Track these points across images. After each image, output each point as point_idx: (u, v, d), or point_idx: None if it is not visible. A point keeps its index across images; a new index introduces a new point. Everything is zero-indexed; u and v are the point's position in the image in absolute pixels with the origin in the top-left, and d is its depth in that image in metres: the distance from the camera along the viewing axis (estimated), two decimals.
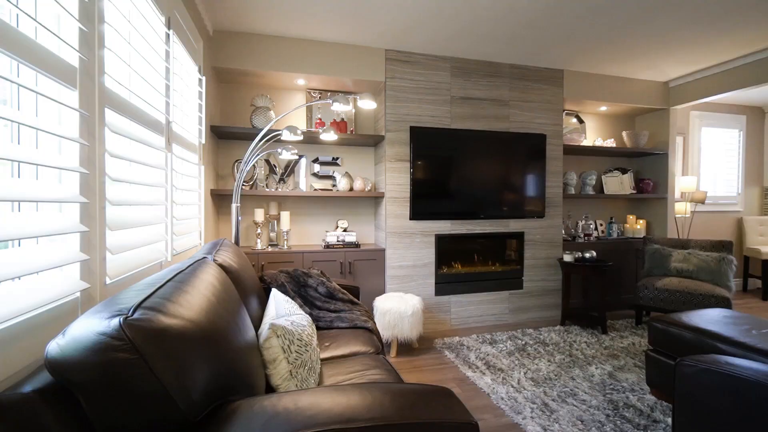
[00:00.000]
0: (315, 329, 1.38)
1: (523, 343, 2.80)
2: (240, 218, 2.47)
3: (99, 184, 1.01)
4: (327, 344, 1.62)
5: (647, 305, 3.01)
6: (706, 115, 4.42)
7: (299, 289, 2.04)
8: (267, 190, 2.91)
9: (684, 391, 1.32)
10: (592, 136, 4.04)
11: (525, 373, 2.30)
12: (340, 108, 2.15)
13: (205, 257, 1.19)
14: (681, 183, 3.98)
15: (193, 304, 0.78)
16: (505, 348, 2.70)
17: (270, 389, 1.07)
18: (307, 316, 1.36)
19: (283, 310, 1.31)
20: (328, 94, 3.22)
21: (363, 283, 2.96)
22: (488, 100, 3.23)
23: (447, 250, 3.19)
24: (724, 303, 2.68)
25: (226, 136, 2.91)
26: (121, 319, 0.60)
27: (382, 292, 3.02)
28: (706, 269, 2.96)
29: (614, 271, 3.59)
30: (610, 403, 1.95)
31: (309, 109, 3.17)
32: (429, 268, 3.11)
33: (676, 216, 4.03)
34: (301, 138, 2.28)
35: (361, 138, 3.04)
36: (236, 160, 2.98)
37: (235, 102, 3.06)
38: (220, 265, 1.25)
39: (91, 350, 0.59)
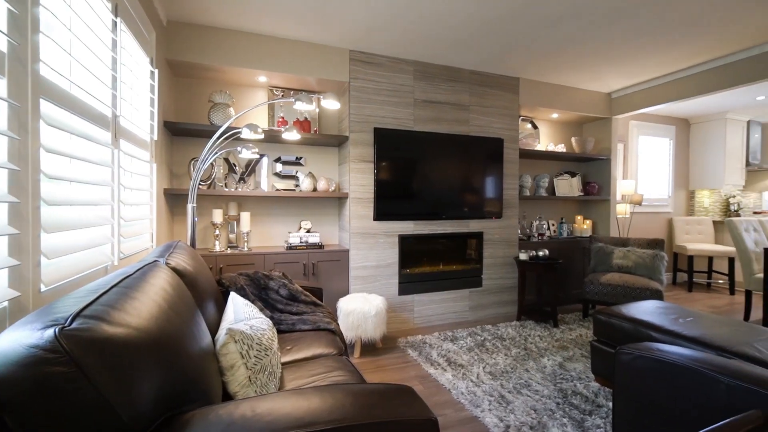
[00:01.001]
0: (276, 333, 1.35)
1: (482, 339, 2.91)
2: (196, 219, 2.36)
3: (33, 182, 0.93)
4: (289, 348, 1.60)
5: (593, 299, 3.24)
6: (642, 125, 4.84)
7: (260, 292, 1.99)
8: (226, 190, 2.80)
9: (622, 377, 1.44)
10: (545, 141, 4.29)
11: (484, 368, 2.39)
12: (303, 107, 2.11)
13: (156, 260, 1.13)
14: (621, 186, 4.33)
15: (141, 310, 0.74)
16: (465, 344, 2.80)
17: (228, 397, 1.04)
18: (268, 319, 1.33)
19: (242, 314, 1.27)
20: (291, 92, 3.16)
21: (327, 284, 2.93)
22: (450, 104, 3.32)
23: (410, 250, 3.24)
24: (657, 295, 2.96)
25: (181, 132, 2.76)
26: (57, 330, 0.56)
27: (346, 293, 3.01)
28: (643, 265, 3.25)
29: (564, 268, 3.83)
30: (560, 392, 2.08)
31: (271, 107, 3.09)
32: (392, 268, 3.14)
33: (618, 216, 4.38)
34: (262, 137, 2.22)
35: (325, 138, 3.01)
36: (193, 158, 2.84)
37: (192, 97, 2.91)
38: (174, 269, 1.19)
39: (20, 365, 0.54)
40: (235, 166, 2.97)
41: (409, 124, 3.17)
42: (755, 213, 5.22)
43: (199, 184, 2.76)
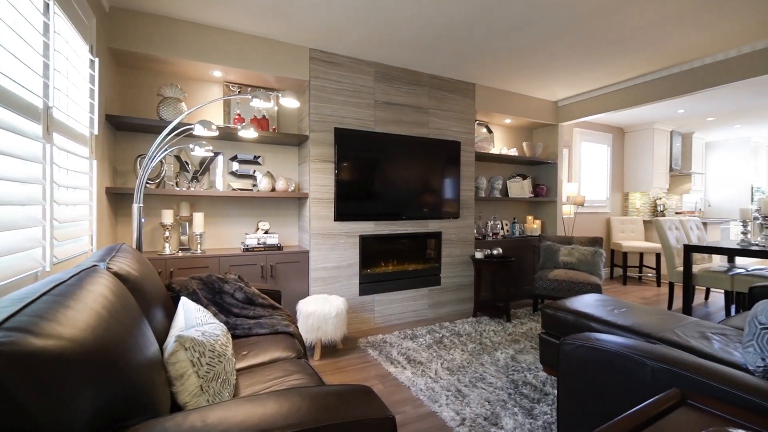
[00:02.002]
0: (230, 338, 1.31)
1: (441, 335, 3.00)
2: (143, 220, 2.20)
3: None
4: (245, 353, 1.55)
5: (542, 294, 3.46)
6: (584, 132, 5.24)
7: (214, 296, 1.91)
8: (177, 189, 2.65)
9: (565, 365, 1.56)
10: (499, 145, 4.50)
11: (442, 364, 2.47)
12: (261, 105, 2.06)
13: (95, 265, 1.05)
14: (567, 189, 4.66)
15: (76, 320, 0.69)
16: (424, 342, 2.87)
17: (177, 408, 0.99)
18: (222, 324, 1.28)
19: (193, 320, 1.22)
20: (249, 89, 3.05)
21: (286, 286, 2.87)
22: (410, 107, 3.39)
23: (371, 250, 3.27)
24: (596, 289, 3.22)
25: (126, 127, 2.57)
26: None
27: (306, 294, 2.97)
28: (584, 261, 3.52)
29: (517, 266, 4.06)
30: (512, 383, 2.21)
31: (227, 104, 2.97)
32: (353, 269, 3.15)
33: (563, 216, 4.71)
34: (216, 134, 2.13)
35: (284, 137, 2.95)
36: (139, 155, 2.65)
37: (139, 90, 2.72)
38: (115, 274, 1.12)
39: None
40: (187, 164, 2.82)
41: (370, 125, 3.19)
42: (677, 213, 5.86)
43: (147, 182, 2.59)
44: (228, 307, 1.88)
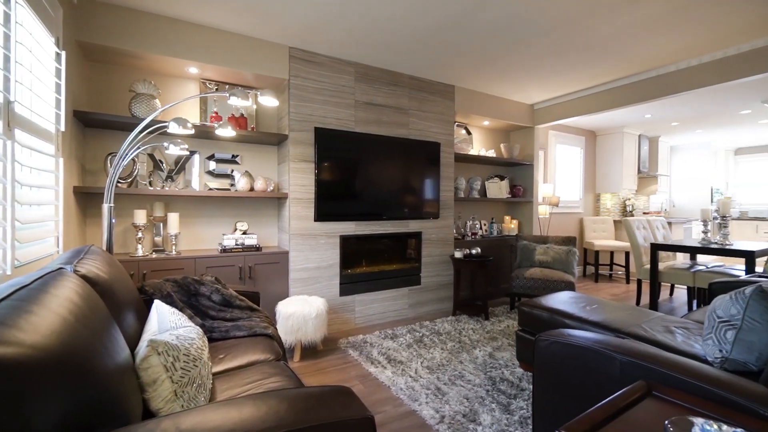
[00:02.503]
0: (206, 341, 1.28)
1: (421, 335, 3.03)
2: (114, 221, 2.11)
3: None
4: (222, 356, 1.52)
5: (519, 292, 3.55)
6: (559, 135, 5.41)
7: (189, 299, 1.86)
8: (151, 188, 2.57)
9: (540, 361, 1.61)
10: (478, 147, 4.59)
11: (422, 363, 2.50)
12: (239, 103, 2.02)
13: (61, 268, 1.01)
14: (542, 189, 4.80)
15: (39, 326, 0.66)
16: (404, 341, 2.89)
17: (150, 415, 0.96)
18: (198, 327, 1.25)
19: (167, 323, 1.18)
20: (226, 86, 2.99)
21: (265, 287, 2.83)
22: (390, 107, 3.40)
23: (352, 250, 3.26)
24: (570, 286, 3.33)
25: (96, 124, 2.47)
26: None
27: (285, 296, 2.93)
28: (559, 260, 3.64)
29: (495, 265, 4.14)
30: (490, 380, 2.26)
31: (203, 101, 2.90)
32: (334, 269, 3.13)
33: (539, 216, 4.85)
34: (192, 132, 2.08)
35: (263, 136, 2.90)
36: (110, 153, 2.55)
37: (110, 86, 2.62)
38: (83, 277, 1.07)
39: None
40: (161, 162, 2.73)
41: (351, 125, 3.19)
42: (644, 213, 6.14)
43: (118, 182, 2.49)
44: (204, 310, 1.84)
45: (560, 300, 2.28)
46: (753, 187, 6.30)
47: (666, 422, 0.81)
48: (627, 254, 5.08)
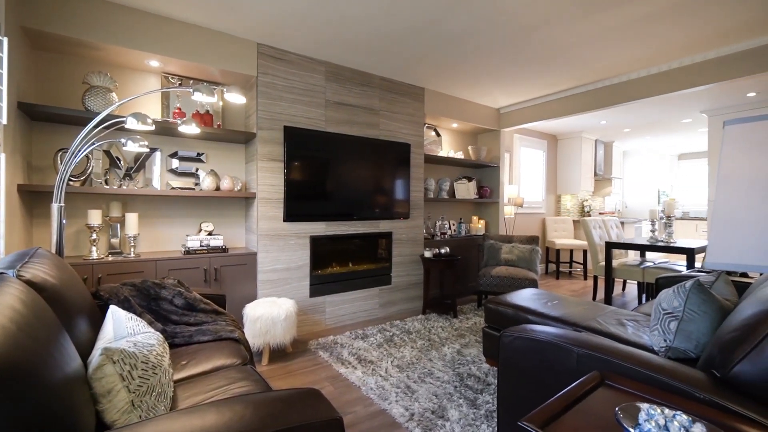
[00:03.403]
0: (167, 347, 1.23)
1: (391, 334, 3.06)
2: (65, 222, 1.97)
3: None
4: (184, 362, 1.46)
5: (486, 290, 3.67)
6: (523, 138, 5.64)
7: (149, 303, 1.77)
8: (107, 187, 2.42)
9: (505, 356, 1.68)
10: (447, 148, 4.69)
11: (392, 362, 2.52)
12: (204, 99, 1.95)
13: (2, 273, 0.93)
14: (508, 190, 4.98)
15: None
16: (375, 341, 2.90)
17: (105, 427, 0.91)
18: (158, 333, 1.20)
19: (124, 330, 1.13)
20: (190, 81, 2.87)
21: (231, 290, 2.75)
22: (361, 108, 3.41)
23: (322, 251, 3.23)
24: (533, 284, 3.49)
25: (44, 117, 2.29)
26: None
27: (253, 298, 2.86)
28: (523, 258, 3.80)
29: (463, 264, 4.25)
30: (458, 376, 2.32)
31: (165, 96, 2.77)
32: (304, 270, 3.09)
33: (505, 217, 5.03)
34: (152, 128, 1.98)
35: (230, 134, 2.81)
36: (60, 149, 2.38)
37: (62, 77, 2.44)
38: (28, 282, 1.00)
39: None
40: (119, 160, 2.58)
41: (321, 125, 3.16)
42: (600, 213, 6.53)
43: (70, 179, 2.33)
44: (166, 315, 1.76)
45: (524, 297, 2.38)
46: (693, 190, 6.87)
47: (616, 409, 0.88)
48: (585, 252, 5.38)
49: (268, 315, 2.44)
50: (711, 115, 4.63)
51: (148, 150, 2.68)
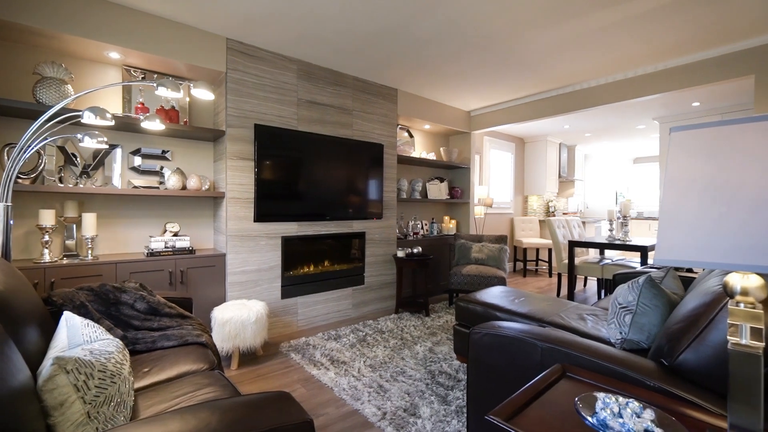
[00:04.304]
0: (128, 355, 1.17)
1: (364, 334, 3.07)
2: (12, 222, 1.82)
3: None
4: (147, 370, 1.40)
5: (457, 288, 3.75)
6: (493, 140, 5.81)
7: (108, 309, 1.68)
8: (61, 185, 2.27)
9: (474, 353, 1.73)
10: (419, 149, 4.75)
11: (365, 362, 2.53)
12: (169, 94, 1.87)
13: None
14: (478, 191, 5.12)
15: None
16: (348, 341, 2.90)
17: None
18: (117, 340, 1.14)
19: (80, 337, 1.06)
20: (155, 75, 2.74)
21: (199, 293, 2.65)
22: (334, 107, 3.39)
23: (294, 251, 3.19)
24: (502, 282, 3.61)
25: None
26: None
27: (222, 301, 2.77)
28: (492, 257, 3.92)
29: (435, 263, 4.33)
30: (429, 374, 2.36)
31: (127, 90, 2.63)
32: (275, 271, 3.04)
33: (475, 217, 5.16)
34: (112, 123, 1.88)
35: (198, 131, 2.71)
36: (8, 144, 2.20)
37: (10, 67, 2.26)
38: None
39: None
40: (74, 156, 2.43)
41: (293, 124, 3.11)
42: (564, 214, 6.85)
43: (19, 177, 2.16)
44: (127, 320, 1.68)
45: (493, 294, 2.46)
46: (647, 191, 7.35)
47: (576, 399, 0.93)
48: (550, 251, 5.61)
49: (237, 318, 2.38)
50: (662, 122, 4.98)
51: (107, 146, 2.54)
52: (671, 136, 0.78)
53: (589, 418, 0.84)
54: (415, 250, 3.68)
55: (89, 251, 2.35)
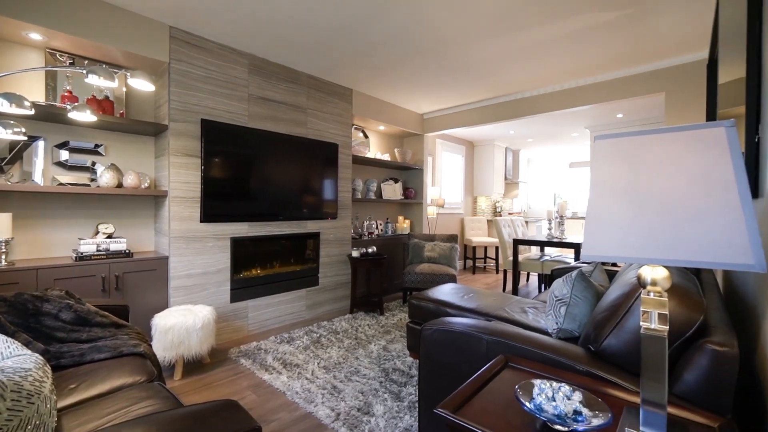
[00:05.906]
0: (50, 371, 1.06)
1: (318, 335, 3.03)
2: None
3: None
4: (73, 386, 1.27)
5: (410, 287, 3.83)
6: (444, 143, 6.03)
7: (26, 321, 1.50)
8: None
9: (425, 349, 1.78)
10: (374, 150, 4.79)
11: (318, 363, 2.50)
12: (101, 83, 1.72)
13: None
14: (430, 192, 5.28)
15: None
16: (301, 344, 2.85)
17: None
18: (37, 355, 1.03)
19: None
20: (85, 62, 2.49)
21: (138, 299, 2.45)
22: (287, 105, 3.31)
23: (245, 253, 3.06)
24: (453, 279, 3.75)
25: None
26: None
27: (164, 307, 2.59)
28: (444, 255, 4.06)
29: (389, 262, 4.39)
30: (383, 372, 2.39)
31: (51, 76, 2.36)
32: (224, 274, 2.90)
33: (428, 217, 5.32)
34: (31, 112, 1.68)
35: (136, 124, 2.51)
36: None
37: None
38: None
39: None
40: None
41: (244, 120, 2.99)
42: (509, 214, 7.29)
43: None
44: (49, 332, 1.51)
45: (444, 291, 2.55)
46: (581, 193, 8.05)
47: (516, 387, 1.00)
48: (497, 249, 5.94)
49: (181, 324, 2.24)
50: (592, 131, 5.49)
51: (26, 138, 2.26)
52: (595, 144, 0.87)
53: (527, 404, 0.90)
54: (369, 250, 3.71)
55: (3, 256, 2.07)
